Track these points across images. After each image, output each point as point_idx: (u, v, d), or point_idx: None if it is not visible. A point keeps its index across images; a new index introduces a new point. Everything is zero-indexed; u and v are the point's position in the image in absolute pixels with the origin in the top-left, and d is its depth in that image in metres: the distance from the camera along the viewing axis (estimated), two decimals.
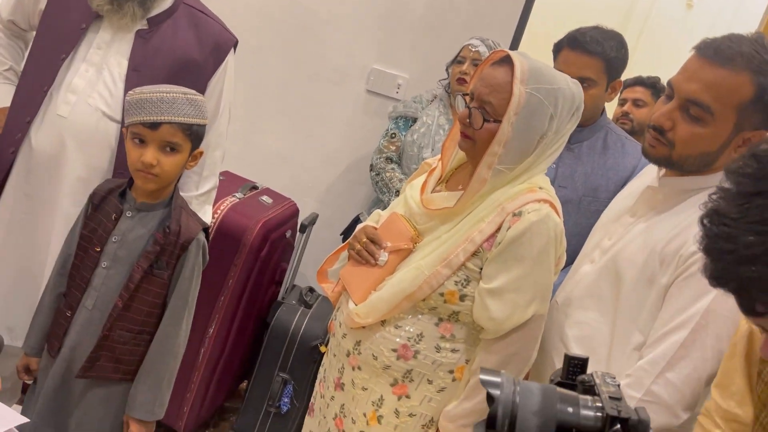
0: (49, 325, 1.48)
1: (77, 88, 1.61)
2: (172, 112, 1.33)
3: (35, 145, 1.64)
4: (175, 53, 1.65)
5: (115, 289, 1.41)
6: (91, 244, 1.43)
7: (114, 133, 1.64)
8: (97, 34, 1.63)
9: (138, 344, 1.44)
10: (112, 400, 1.46)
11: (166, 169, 1.36)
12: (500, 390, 0.63)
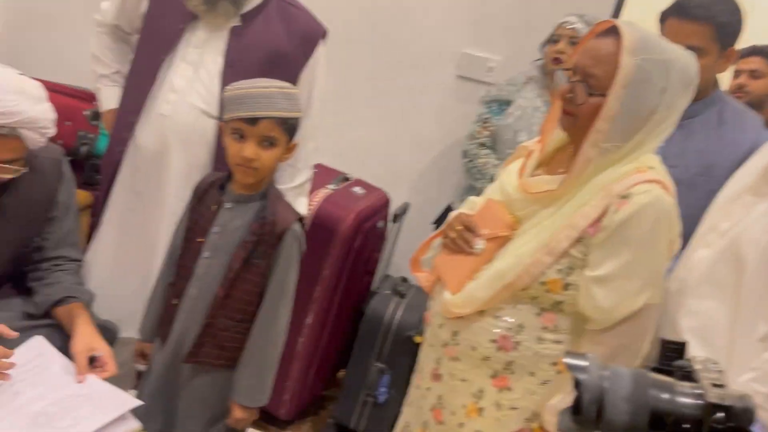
0: (160, 313, 1.55)
1: (177, 87, 1.67)
2: (270, 107, 1.34)
3: (141, 143, 1.72)
4: (266, 47, 1.67)
5: (217, 278, 1.45)
6: (194, 235, 1.48)
7: (212, 129, 1.69)
8: (194, 34, 1.68)
9: (239, 332, 1.47)
10: (217, 385, 1.51)
11: (265, 162, 1.38)
12: (586, 374, 0.60)
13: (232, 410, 1.49)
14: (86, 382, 1.34)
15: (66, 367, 1.35)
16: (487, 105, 2.30)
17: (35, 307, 1.53)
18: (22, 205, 1.50)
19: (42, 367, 1.33)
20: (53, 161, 1.57)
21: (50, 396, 1.26)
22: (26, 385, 1.28)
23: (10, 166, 1.38)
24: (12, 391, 1.25)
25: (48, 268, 1.59)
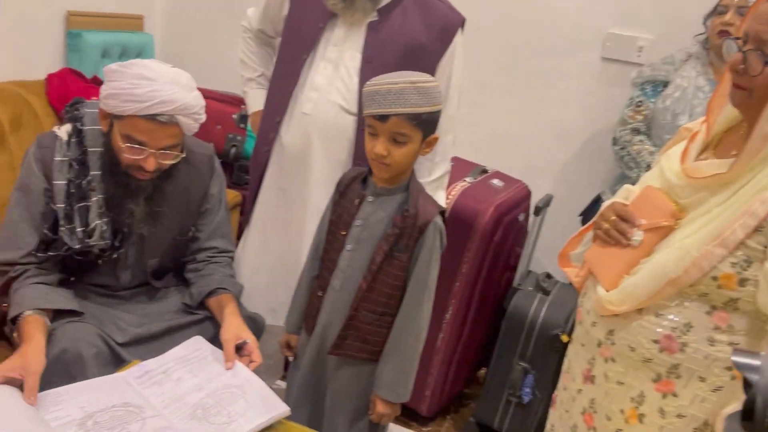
0: (306, 305, 1.59)
1: (318, 85, 1.71)
2: (399, 103, 1.32)
3: (285, 142, 1.77)
4: (403, 40, 1.66)
5: (360, 270, 1.46)
6: (337, 229, 1.50)
7: (352, 125, 1.71)
8: (333, 32, 1.71)
9: (382, 325, 1.47)
10: (361, 378, 1.52)
11: (397, 159, 1.37)
12: (759, 374, 0.53)
13: (375, 404, 1.49)
14: (237, 372, 1.40)
15: (218, 358, 1.43)
16: (641, 87, 2.13)
17: (191, 299, 1.64)
18: (181, 195, 1.61)
19: (199, 359, 1.41)
20: (206, 157, 1.68)
21: (207, 387, 1.32)
22: (186, 373, 1.35)
23: (171, 152, 1.48)
24: (175, 378, 1.32)
25: (203, 259, 1.70)
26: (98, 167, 1.49)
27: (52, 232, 1.46)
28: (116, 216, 1.51)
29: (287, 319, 1.65)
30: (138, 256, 1.61)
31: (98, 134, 1.50)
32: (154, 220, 1.56)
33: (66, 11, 2.57)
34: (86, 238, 1.47)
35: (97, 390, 1.24)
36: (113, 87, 1.40)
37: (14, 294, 1.41)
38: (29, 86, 2.28)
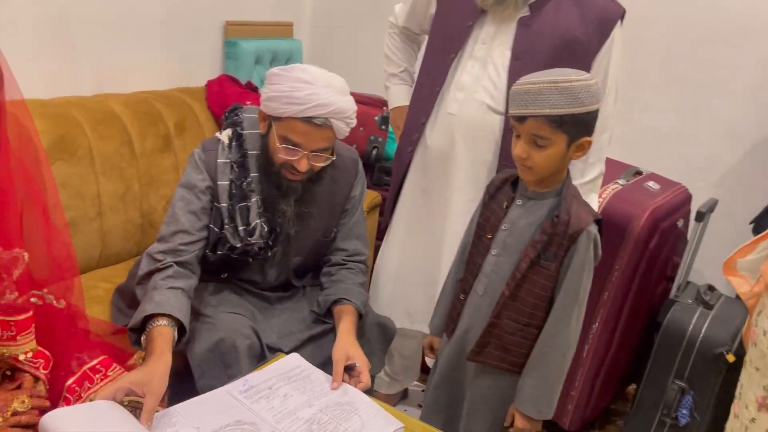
0: (449, 308, 1.55)
1: (464, 85, 1.67)
2: (536, 104, 1.25)
3: (430, 143, 1.76)
4: (556, 35, 1.58)
5: (504, 276, 1.40)
6: (484, 232, 1.45)
7: (498, 125, 1.65)
8: (482, 29, 1.66)
9: (525, 337, 1.40)
10: (501, 388, 1.46)
11: (538, 162, 1.30)
12: None
13: (515, 418, 1.43)
14: (346, 390, 1.36)
15: (321, 377, 1.39)
16: None
17: (318, 306, 1.66)
18: (326, 197, 1.65)
19: (302, 377, 1.37)
20: (351, 160, 1.71)
21: (317, 403, 1.29)
22: (292, 390, 1.33)
23: (323, 155, 1.52)
24: (281, 394, 1.30)
25: (337, 263, 1.72)
26: (256, 169, 1.56)
27: (218, 229, 1.54)
28: (271, 216, 1.57)
29: (431, 321, 1.63)
30: (284, 254, 1.67)
31: (256, 137, 1.57)
32: (302, 220, 1.60)
33: (224, 21, 2.74)
34: (248, 237, 1.54)
35: (208, 408, 1.23)
36: (274, 90, 1.46)
37: (153, 291, 1.42)
38: (192, 92, 2.46)
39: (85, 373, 1.22)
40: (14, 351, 1.13)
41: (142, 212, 2.12)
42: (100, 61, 2.24)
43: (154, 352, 1.28)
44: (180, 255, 1.49)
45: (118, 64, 2.32)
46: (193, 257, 1.51)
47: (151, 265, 1.47)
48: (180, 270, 1.47)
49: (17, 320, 1.12)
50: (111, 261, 2.06)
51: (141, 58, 2.41)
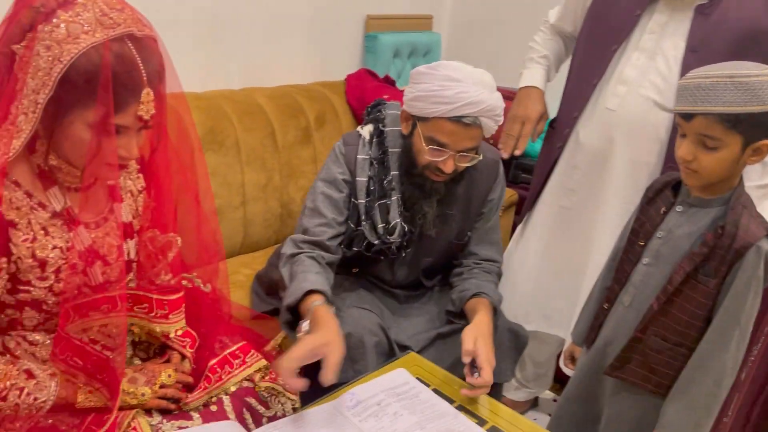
0: (592, 318, 1.46)
1: (628, 78, 1.55)
2: (707, 100, 1.11)
3: (582, 140, 1.66)
4: (740, 25, 1.42)
5: (654, 289, 1.29)
6: (637, 238, 1.34)
7: (665, 123, 1.52)
8: (651, 18, 1.54)
9: (674, 357, 1.28)
10: (641, 409, 1.35)
11: (705, 166, 1.16)
12: None
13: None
14: (458, 419, 1.26)
15: (430, 397, 1.31)
16: None
17: (453, 305, 1.62)
18: (465, 199, 1.60)
19: (411, 395, 1.31)
20: (492, 161, 1.64)
21: (428, 427, 1.22)
22: (401, 408, 1.26)
23: (469, 154, 1.46)
24: (390, 412, 1.25)
25: (468, 265, 1.66)
26: (396, 167, 1.54)
27: (354, 225, 1.54)
28: (411, 216, 1.55)
29: (574, 329, 1.54)
30: (415, 255, 1.64)
31: (398, 135, 1.55)
32: (443, 222, 1.57)
33: (366, 15, 2.77)
34: (387, 235, 1.53)
35: (316, 425, 1.19)
36: (420, 89, 1.41)
37: (304, 272, 1.43)
38: (331, 86, 2.52)
39: (225, 357, 1.27)
40: (166, 328, 1.21)
41: (282, 202, 2.20)
42: (249, 56, 2.36)
43: (322, 318, 1.30)
44: (324, 248, 1.51)
45: (265, 59, 2.42)
46: (336, 249, 1.53)
47: (296, 249, 1.49)
48: (324, 262, 1.49)
49: (170, 300, 1.20)
50: (251, 248, 2.16)
51: (285, 53, 2.50)
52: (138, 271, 1.20)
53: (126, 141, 1.00)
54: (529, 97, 1.80)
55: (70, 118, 0.95)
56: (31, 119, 0.94)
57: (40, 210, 1.02)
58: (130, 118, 0.98)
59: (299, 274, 1.43)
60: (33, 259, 1.00)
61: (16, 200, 1.00)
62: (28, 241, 1.00)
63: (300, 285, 1.39)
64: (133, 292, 1.17)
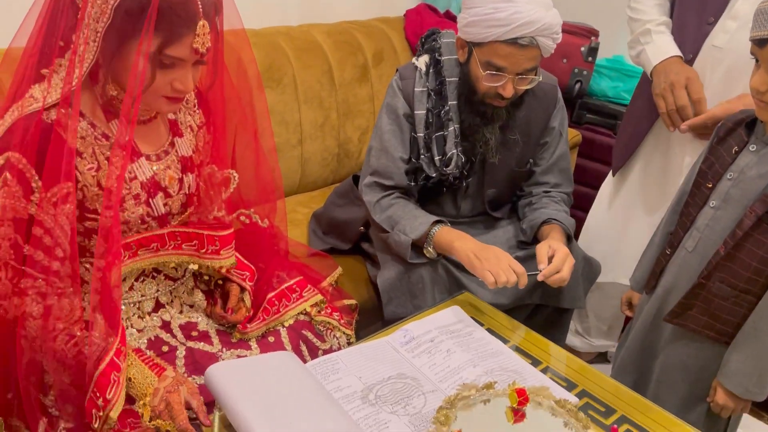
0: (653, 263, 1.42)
1: (739, 13, 1.44)
2: None
3: None
4: None
5: (720, 233, 1.23)
6: (705, 180, 1.28)
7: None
8: None
9: (739, 304, 1.23)
10: (702, 357, 1.32)
11: None
12: None
13: (717, 393, 1.28)
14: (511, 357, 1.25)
15: (484, 336, 1.31)
16: None
17: (524, 234, 1.62)
18: (526, 125, 1.57)
19: (465, 333, 1.31)
20: (551, 87, 1.60)
21: (481, 365, 1.22)
22: (454, 345, 1.26)
23: (528, 76, 1.43)
24: (443, 349, 1.25)
25: (537, 194, 1.65)
26: (455, 97, 1.52)
27: (415, 158, 1.55)
28: (470, 145, 1.53)
29: (633, 275, 1.51)
30: (478, 186, 1.63)
31: (454, 64, 1.52)
32: (506, 148, 1.55)
33: None
34: (443, 167, 1.52)
35: (368, 358, 1.20)
36: (474, 14, 1.39)
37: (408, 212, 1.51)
38: (390, 22, 2.46)
39: (283, 291, 1.31)
40: (217, 264, 1.24)
41: (339, 141, 2.20)
42: None
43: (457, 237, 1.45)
44: (400, 189, 1.55)
45: None
46: (410, 188, 1.56)
47: (381, 194, 1.55)
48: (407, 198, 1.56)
49: (221, 235, 1.22)
50: (309, 188, 2.18)
51: None
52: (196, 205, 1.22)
53: (182, 74, 1.01)
54: (674, 70, 1.52)
55: (127, 48, 0.96)
56: (92, 48, 0.95)
57: (103, 140, 1.04)
58: (186, 50, 0.98)
59: (406, 213, 1.51)
60: (98, 187, 1.03)
61: (81, 130, 1.03)
62: (93, 170, 1.02)
63: (414, 222, 1.48)
64: (182, 229, 1.19)
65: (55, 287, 0.98)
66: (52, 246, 0.97)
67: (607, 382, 1.23)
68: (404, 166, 1.53)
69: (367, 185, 1.57)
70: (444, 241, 1.46)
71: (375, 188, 1.56)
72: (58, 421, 1.06)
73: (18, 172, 0.96)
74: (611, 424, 1.11)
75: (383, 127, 1.55)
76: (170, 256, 1.19)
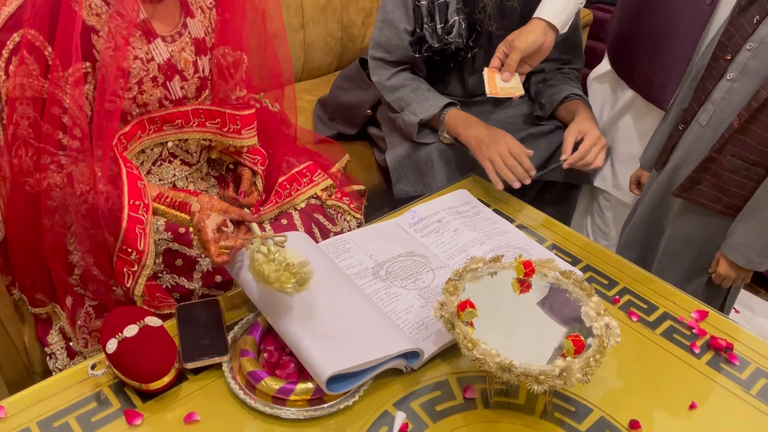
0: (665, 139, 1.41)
1: None
2: None
3: None
4: None
5: (736, 106, 1.21)
6: (723, 52, 1.23)
7: None
8: None
9: (749, 177, 1.23)
10: (707, 231, 1.33)
11: None
12: None
13: (719, 262, 1.31)
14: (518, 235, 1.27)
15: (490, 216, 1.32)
16: None
17: (542, 109, 1.60)
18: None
19: (473, 213, 1.33)
20: None
21: (488, 242, 1.24)
22: (462, 225, 1.28)
23: None
24: (451, 229, 1.27)
25: (550, 70, 1.61)
26: None
27: (419, 28, 1.51)
28: (471, 12, 1.49)
29: (644, 153, 1.50)
30: (485, 59, 1.58)
31: None
32: (504, 16, 1.50)
33: None
34: (445, 35, 1.48)
35: (379, 237, 1.23)
36: None
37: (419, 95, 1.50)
38: None
39: (293, 175, 1.32)
40: (239, 143, 1.24)
41: (342, 25, 2.13)
42: None
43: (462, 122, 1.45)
44: (406, 61, 1.53)
45: None
46: (415, 59, 1.54)
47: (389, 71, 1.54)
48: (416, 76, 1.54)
49: (242, 115, 1.22)
50: (313, 74, 2.14)
51: None
52: (212, 88, 1.22)
53: None
54: None
55: None
56: None
57: (118, 18, 1.01)
58: None
59: (417, 96, 1.50)
60: (118, 69, 1.02)
61: (96, 6, 1.00)
62: (111, 50, 1.00)
63: (425, 105, 1.47)
64: (206, 107, 1.20)
65: (72, 158, 1.01)
66: (71, 126, 0.99)
67: (611, 257, 1.26)
68: (408, 38, 1.50)
69: (373, 64, 1.56)
70: (451, 126, 1.47)
71: (382, 66, 1.54)
72: (83, 299, 1.11)
73: (35, 49, 0.95)
74: (613, 296, 1.15)
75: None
76: (193, 133, 1.20)
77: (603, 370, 0.96)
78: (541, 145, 1.58)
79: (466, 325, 0.89)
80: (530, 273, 0.98)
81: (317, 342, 0.91)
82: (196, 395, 0.93)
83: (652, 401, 0.96)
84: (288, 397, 0.91)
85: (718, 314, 1.12)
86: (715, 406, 0.96)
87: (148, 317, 0.95)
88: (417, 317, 1.05)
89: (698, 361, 1.03)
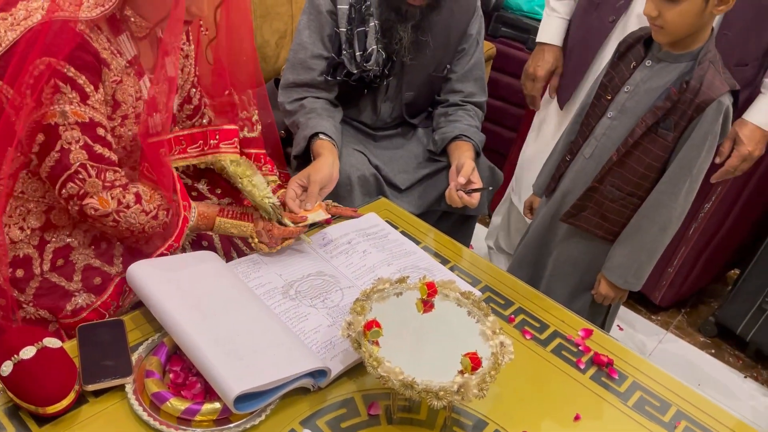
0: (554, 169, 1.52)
1: None
2: None
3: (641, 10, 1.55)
4: None
5: (615, 141, 1.34)
6: (605, 93, 1.37)
7: None
8: None
9: (626, 206, 1.37)
10: (590, 254, 1.46)
11: (669, 20, 1.17)
12: None
13: (600, 282, 1.44)
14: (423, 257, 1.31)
15: (398, 238, 1.37)
16: None
17: (434, 145, 1.67)
18: (442, 30, 1.59)
19: (381, 236, 1.37)
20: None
21: (395, 263, 1.28)
22: (370, 247, 1.32)
23: None
24: (360, 250, 1.30)
25: (453, 103, 1.69)
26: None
27: (336, 56, 1.55)
28: (388, 42, 1.54)
29: (536, 181, 1.61)
30: (397, 88, 1.66)
31: None
32: (418, 50, 1.57)
33: None
34: (364, 63, 1.54)
35: (289, 257, 1.25)
36: None
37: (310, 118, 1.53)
38: None
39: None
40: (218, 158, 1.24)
41: (256, 45, 2.14)
42: None
43: (314, 156, 1.45)
44: (316, 84, 1.57)
45: None
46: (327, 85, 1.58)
47: (292, 96, 1.58)
48: (320, 98, 1.57)
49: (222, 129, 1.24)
50: None
51: None
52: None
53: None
54: (541, 53, 1.84)
55: None
56: None
57: (118, 57, 1.05)
58: None
59: (302, 121, 1.53)
60: (112, 98, 1.05)
61: (102, 41, 1.03)
62: (115, 83, 1.05)
63: (302, 133, 1.51)
64: (186, 132, 1.22)
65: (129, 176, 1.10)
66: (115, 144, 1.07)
67: (507, 278, 1.33)
68: (321, 63, 1.55)
69: (282, 86, 1.60)
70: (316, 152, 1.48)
71: (290, 90, 1.58)
72: None
73: (69, 79, 0.98)
74: (509, 315, 1.23)
75: (300, 24, 1.56)
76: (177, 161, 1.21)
77: (498, 386, 1.03)
78: (437, 184, 1.66)
79: (372, 344, 0.92)
80: (433, 293, 1.03)
81: (225, 361, 0.92)
82: (97, 418, 0.90)
83: (541, 413, 1.03)
84: (194, 418, 0.90)
85: (602, 332, 1.22)
86: (597, 418, 1.04)
87: (47, 338, 0.92)
88: (325, 336, 1.07)
89: (583, 376, 1.11)
